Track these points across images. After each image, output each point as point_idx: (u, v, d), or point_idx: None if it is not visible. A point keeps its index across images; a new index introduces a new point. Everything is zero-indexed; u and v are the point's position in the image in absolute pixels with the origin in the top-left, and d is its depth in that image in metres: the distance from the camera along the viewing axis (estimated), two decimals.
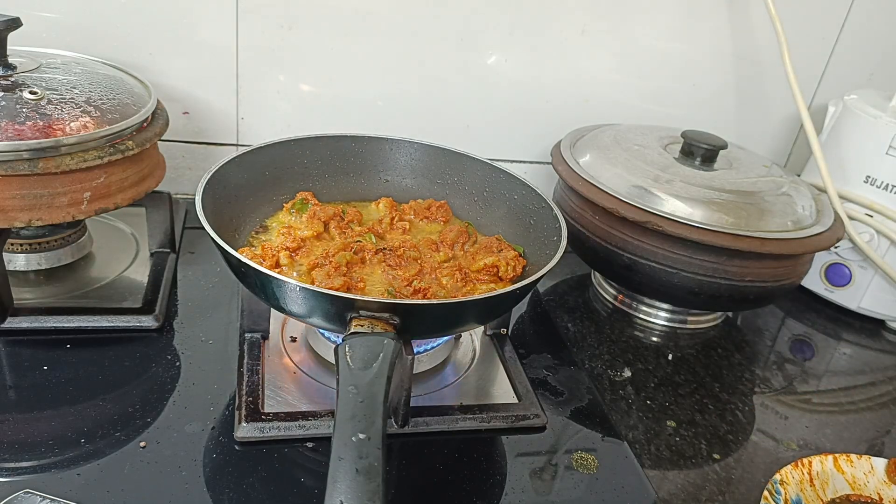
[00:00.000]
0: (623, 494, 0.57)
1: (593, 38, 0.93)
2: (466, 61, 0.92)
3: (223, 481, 0.52)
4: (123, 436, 0.55)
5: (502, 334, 0.72)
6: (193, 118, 0.88)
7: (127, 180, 0.66)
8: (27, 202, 0.60)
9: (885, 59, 1.05)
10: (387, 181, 0.77)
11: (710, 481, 0.61)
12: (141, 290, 0.70)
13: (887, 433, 0.71)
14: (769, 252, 0.71)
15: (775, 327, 0.87)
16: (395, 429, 0.59)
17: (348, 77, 0.90)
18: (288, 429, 0.56)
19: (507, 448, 0.60)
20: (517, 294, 0.57)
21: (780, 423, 0.70)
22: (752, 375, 0.77)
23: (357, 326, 0.49)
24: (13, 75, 0.64)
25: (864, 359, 0.84)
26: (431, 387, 0.65)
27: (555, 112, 0.97)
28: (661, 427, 0.66)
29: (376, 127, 0.79)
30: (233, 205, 0.66)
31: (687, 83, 1.00)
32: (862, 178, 0.86)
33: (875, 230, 0.84)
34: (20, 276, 0.70)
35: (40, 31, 0.79)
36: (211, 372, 0.62)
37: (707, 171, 0.79)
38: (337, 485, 0.39)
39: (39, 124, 0.59)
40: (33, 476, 0.50)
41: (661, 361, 0.76)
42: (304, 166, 0.74)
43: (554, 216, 0.66)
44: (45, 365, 0.60)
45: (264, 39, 0.85)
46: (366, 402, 0.44)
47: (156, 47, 0.83)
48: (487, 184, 0.75)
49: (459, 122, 0.95)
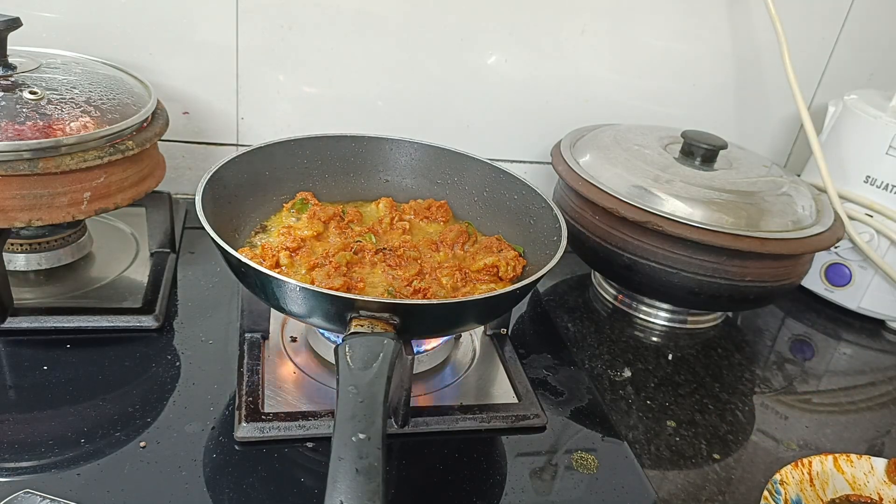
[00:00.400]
0: (623, 494, 0.57)
1: (593, 38, 0.93)
2: (466, 61, 0.92)
3: (223, 481, 0.52)
4: (123, 436, 0.55)
5: (502, 334, 0.72)
6: (193, 118, 0.88)
7: (127, 180, 0.66)
8: (27, 202, 0.60)
9: (885, 59, 1.05)
10: (387, 181, 0.77)
11: (710, 481, 0.61)
12: (141, 290, 0.70)
13: (887, 433, 0.71)
14: (769, 252, 0.71)
15: (775, 327, 0.87)
16: (395, 429, 0.59)
17: (348, 77, 0.90)
18: (288, 429, 0.56)
19: (507, 448, 0.60)
20: (517, 294, 0.57)
21: (780, 423, 0.70)
22: (752, 375, 0.77)
23: (357, 326, 0.49)
24: (13, 75, 0.64)
25: (864, 359, 0.84)
26: (431, 387, 0.65)
27: (555, 112, 0.97)
28: (661, 427, 0.66)
29: (376, 127, 0.79)
30: (233, 205, 0.66)
31: (687, 83, 1.00)
32: (862, 178, 0.86)
33: (875, 230, 0.84)
34: (20, 276, 0.70)
35: (40, 31, 0.79)
36: (211, 372, 0.62)
37: (707, 171, 0.79)
38: (337, 485, 0.39)
39: (39, 124, 0.59)
40: (33, 476, 0.50)
41: (661, 361, 0.76)
42: (304, 166, 0.74)
43: (554, 216, 0.66)
44: (45, 365, 0.60)
45: (264, 39, 0.85)
46: (366, 402, 0.44)
47: (156, 47, 0.83)
48: (487, 184, 0.75)
49: (459, 122, 0.95)
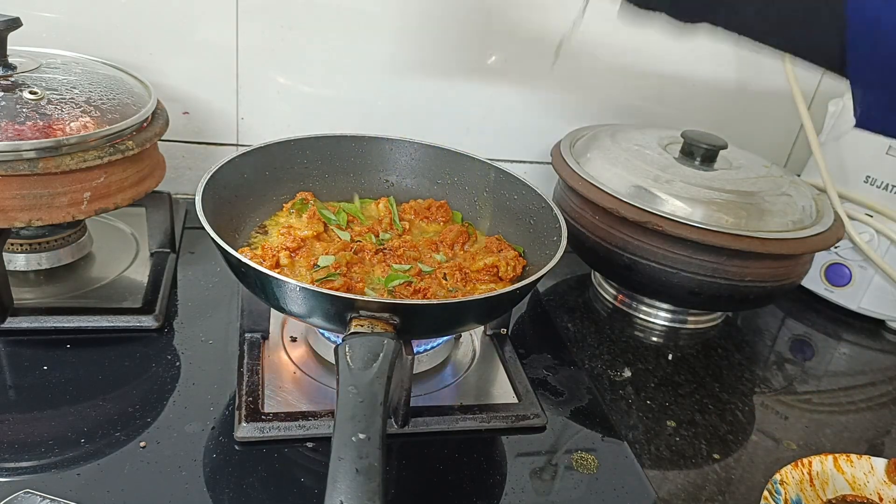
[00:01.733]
0: (623, 494, 0.57)
1: (593, 37, 0.93)
2: (466, 61, 0.92)
3: (223, 481, 0.52)
4: (123, 436, 0.55)
5: (502, 334, 0.72)
6: (193, 118, 0.88)
7: (127, 180, 0.66)
8: (27, 202, 0.60)
9: None
10: (387, 181, 0.77)
11: (710, 481, 0.61)
12: (141, 290, 0.70)
13: (887, 433, 0.71)
14: (769, 252, 0.71)
15: (775, 327, 0.87)
16: (395, 429, 0.59)
17: (348, 77, 0.90)
18: (288, 429, 0.56)
19: (507, 448, 0.60)
20: (517, 294, 0.57)
21: (780, 422, 0.70)
22: (752, 375, 0.77)
23: (357, 326, 0.49)
24: (13, 75, 0.64)
25: (864, 359, 0.84)
26: (431, 387, 0.65)
27: (555, 112, 0.97)
28: (661, 427, 0.66)
29: (376, 127, 0.79)
30: (233, 205, 0.66)
31: (687, 83, 1.00)
32: (862, 178, 0.86)
33: (875, 230, 0.84)
34: (20, 276, 0.70)
35: (40, 31, 0.79)
36: (211, 372, 0.62)
37: (707, 172, 0.79)
38: (337, 484, 0.39)
39: (39, 124, 0.59)
40: (33, 476, 0.50)
41: (661, 361, 0.76)
42: (304, 166, 0.74)
43: (554, 216, 0.66)
44: (45, 365, 0.60)
45: (264, 39, 0.85)
46: (366, 402, 0.44)
47: (156, 47, 0.83)
48: (487, 184, 0.75)
49: (459, 122, 0.95)
